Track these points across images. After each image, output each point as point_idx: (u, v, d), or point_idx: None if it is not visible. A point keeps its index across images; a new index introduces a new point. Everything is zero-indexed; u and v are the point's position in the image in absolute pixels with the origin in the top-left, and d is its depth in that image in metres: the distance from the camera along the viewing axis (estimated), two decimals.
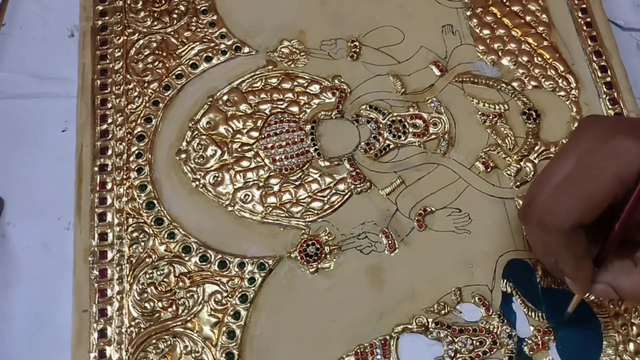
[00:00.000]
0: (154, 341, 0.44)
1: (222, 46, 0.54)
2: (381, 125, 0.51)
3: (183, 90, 0.52)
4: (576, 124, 0.37)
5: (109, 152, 0.50)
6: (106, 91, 0.52)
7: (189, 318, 0.45)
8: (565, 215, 0.34)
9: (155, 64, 0.53)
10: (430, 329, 0.44)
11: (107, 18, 0.55)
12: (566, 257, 0.36)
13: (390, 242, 0.47)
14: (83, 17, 0.55)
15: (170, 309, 0.45)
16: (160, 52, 0.54)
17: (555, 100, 0.52)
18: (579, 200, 0.34)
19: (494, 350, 0.44)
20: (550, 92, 0.52)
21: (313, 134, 0.50)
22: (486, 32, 0.54)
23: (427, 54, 0.53)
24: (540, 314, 0.44)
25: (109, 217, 0.48)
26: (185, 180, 0.49)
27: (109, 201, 0.48)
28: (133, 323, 0.45)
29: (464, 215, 0.48)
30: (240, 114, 0.51)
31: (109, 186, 0.49)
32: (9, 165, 0.50)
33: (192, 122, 0.51)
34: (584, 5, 0.55)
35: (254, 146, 0.50)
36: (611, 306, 0.45)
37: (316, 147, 0.50)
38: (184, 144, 0.50)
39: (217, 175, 0.49)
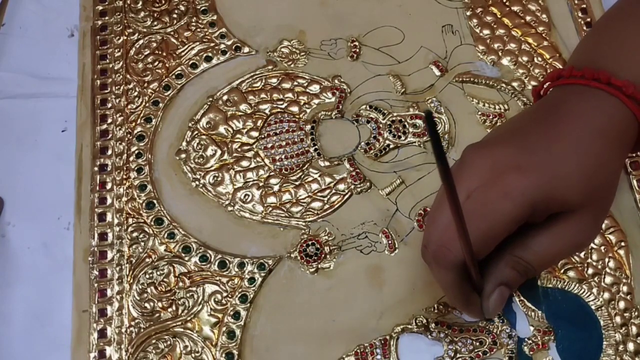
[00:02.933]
0: (153, 341, 0.44)
1: (222, 46, 0.54)
2: (381, 125, 0.51)
3: (183, 90, 0.52)
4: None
5: (109, 152, 0.50)
6: (106, 91, 0.52)
7: (188, 318, 0.45)
8: (456, 254, 0.35)
9: (155, 64, 0.53)
10: (431, 329, 0.44)
11: (107, 18, 0.55)
12: (454, 294, 0.37)
13: (390, 242, 0.47)
14: (83, 17, 0.55)
15: (170, 309, 0.45)
16: (160, 52, 0.54)
17: None
18: (473, 239, 0.34)
19: (494, 350, 0.44)
20: None
21: (313, 134, 0.50)
22: (486, 32, 0.54)
23: (427, 54, 0.53)
24: (540, 314, 0.44)
25: (108, 217, 0.48)
26: (185, 180, 0.49)
27: (109, 201, 0.48)
28: (133, 323, 0.45)
29: None
30: (240, 114, 0.51)
31: (108, 186, 0.49)
32: (9, 165, 0.50)
33: (192, 122, 0.51)
34: (584, 5, 0.55)
35: (254, 146, 0.50)
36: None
37: (316, 147, 0.50)
38: (184, 144, 0.50)
39: (217, 175, 0.49)
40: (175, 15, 0.55)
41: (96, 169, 0.50)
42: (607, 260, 0.46)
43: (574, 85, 0.40)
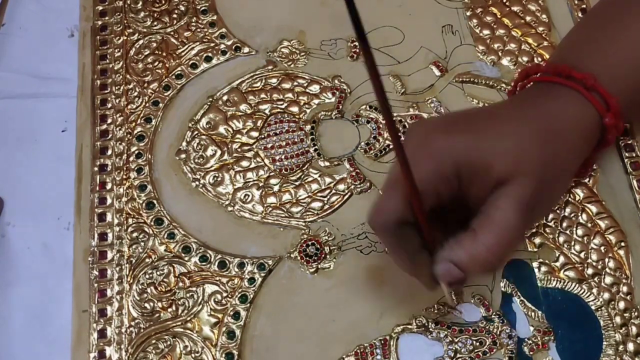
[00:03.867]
0: (153, 341, 0.44)
1: (222, 46, 0.54)
2: (381, 126, 0.51)
3: (183, 91, 0.52)
4: None
5: (109, 152, 0.50)
6: (106, 91, 0.52)
7: (188, 318, 0.45)
8: (386, 215, 0.36)
9: (155, 64, 0.53)
10: (430, 329, 0.44)
11: (107, 18, 0.55)
12: (398, 254, 0.38)
13: None
14: (83, 17, 0.55)
15: (170, 309, 0.45)
16: (160, 52, 0.54)
17: None
18: (398, 199, 0.36)
19: (494, 350, 0.43)
20: None
21: (313, 134, 0.50)
22: (486, 32, 0.54)
23: (427, 54, 0.53)
24: (540, 314, 0.44)
25: (108, 217, 0.48)
26: (185, 181, 0.49)
27: (109, 201, 0.48)
28: (133, 323, 0.45)
29: None
30: (240, 114, 0.51)
31: (108, 186, 0.49)
32: (9, 165, 0.50)
33: (192, 122, 0.51)
34: (584, 6, 0.55)
35: (254, 146, 0.50)
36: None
37: (316, 147, 0.50)
38: (184, 144, 0.50)
39: (217, 175, 0.49)
40: (175, 16, 0.55)
41: (96, 169, 0.50)
42: (607, 260, 0.46)
43: (540, 83, 0.41)
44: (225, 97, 0.52)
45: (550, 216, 0.47)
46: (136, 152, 0.50)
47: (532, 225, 0.46)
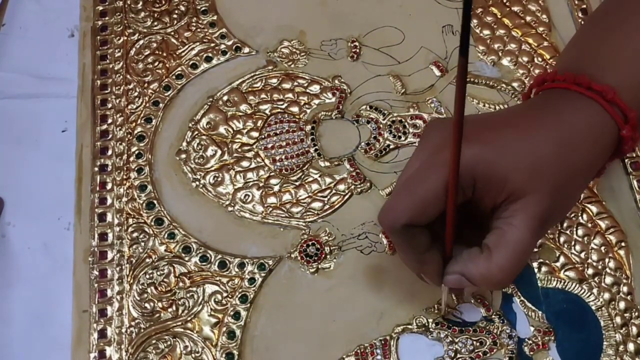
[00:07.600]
0: (154, 341, 0.44)
1: (222, 46, 0.54)
2: (381, 126, 0.51)
3: (183, 91, 0.52)
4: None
5: (109, 152, 0.50)
6: (106, 91, 0.52)
7: (189, 318, 0.45)
8: (396, 216, 0.36)
9: (156, 64, 0.53)
10: (431, 329, 0.44)
11: (107, 18, 0.55)
12: (405, 254, 0.39)
13: (390, 242, 0.47)
14: (83, 17, 0.55)
15: (170, 309, 0.45)
16: (160, 53, 0.54)
17: None
18: (409, 202, 0.36)
19: (494, 350, 0.43)
20: None
21: (313, 134, 0.50)
22: (486, 32, 0.54)
23: (428, 54, 0.53)
24: (540, 314, 0.44)
25: (109, 218, 0.48)
26: (185, 181, 0.49)
27: (109, 201, 0.48)
28: (133, 323, 0.45)
29: None
30: (240, 114, 0.51)
31: (109, 186, 0.49)
32: (9, 165, 0.50)
33: (192, 123, 0.51)
34: (584, 6, 0.55)
35: (254, 146, 0.50)
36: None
37: (316, 147, 0.50)
38: (184, 144, 0.50)
39: (217, 175, 0.49)
40: (175, 16, 0.55)
41: (96, 169, 0.50)
42: (607, 260, 0.46)
43: (557, 89, 0.41)
44: (225, 97, 0.52)
45: None
46: (136, 152, 0.50)
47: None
